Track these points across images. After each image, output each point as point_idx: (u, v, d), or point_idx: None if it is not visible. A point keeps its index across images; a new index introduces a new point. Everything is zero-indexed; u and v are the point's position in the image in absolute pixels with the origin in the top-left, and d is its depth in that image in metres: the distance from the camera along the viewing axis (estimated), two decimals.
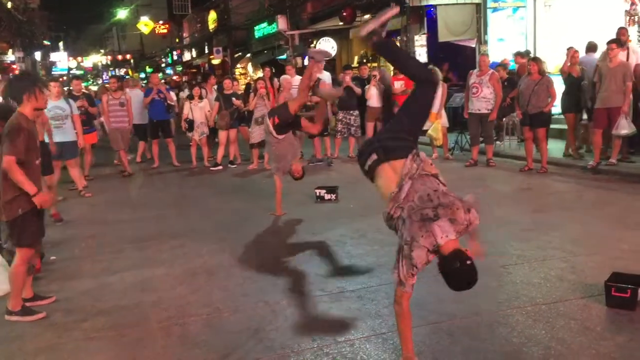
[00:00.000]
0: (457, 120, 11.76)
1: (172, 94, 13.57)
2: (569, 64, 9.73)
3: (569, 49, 9.88)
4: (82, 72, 55.52)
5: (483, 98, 9.84)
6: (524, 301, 4.29)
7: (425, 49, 14.64)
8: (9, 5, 25.28)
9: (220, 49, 30.99)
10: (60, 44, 56.78)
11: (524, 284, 4.65)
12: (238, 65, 29.59)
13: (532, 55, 11.63)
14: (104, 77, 60.90)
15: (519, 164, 9.72)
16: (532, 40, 13.67)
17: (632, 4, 11.34)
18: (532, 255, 5.34)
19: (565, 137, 10.40)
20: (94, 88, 32.43)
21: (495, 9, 14.00)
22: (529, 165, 9.36)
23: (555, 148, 10.31)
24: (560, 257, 5.22)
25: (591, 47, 10.54)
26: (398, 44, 16.97)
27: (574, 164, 9.50)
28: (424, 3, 14.42)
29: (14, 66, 28.17)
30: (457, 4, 14.17)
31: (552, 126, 10.25)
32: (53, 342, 4.07)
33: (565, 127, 10.36)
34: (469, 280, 3.00)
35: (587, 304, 4.19)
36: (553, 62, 11.47)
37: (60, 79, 24.06)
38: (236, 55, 30.40)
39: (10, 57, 28.04)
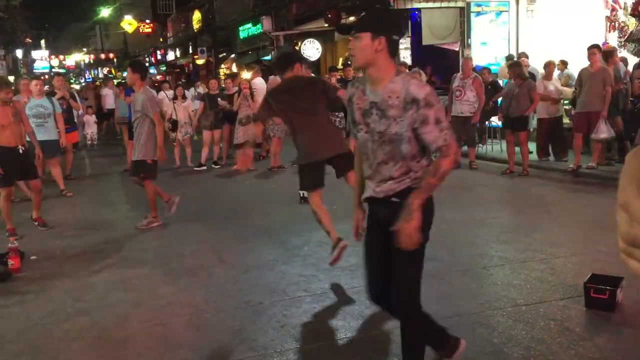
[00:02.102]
0: None
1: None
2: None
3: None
4: (64, 70, 55.00)
5: (466, 101, 9.93)
6: (505, 302, 4.34)
7: (409, 52, 14.72)
8: None
9: (205, 49, 30.91)
10: (42, 42, 56.21)
11: (504, 285, 4.70)
12: (222, 66, 29.50)
13: (514, 59, 11.75)
14: (86, 75, 60.48)
15: (501, 167, 9.82)
16: (514, 44, 13.81)
17: (613, 10, 11.51)
18: (512, 257, 5.40)
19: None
20: (77, 87, 32.13)
21: (478, 13, 14.12)
22: (511, 168, 9.45)
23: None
24: (541, 258, 5.29)
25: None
26: None
27: (555, 167, 9.62)
28: (408, 6, 14.50)
29: None
30: (441, 7, 14.26)
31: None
32: (34, 343, 4.03)
33: None
34: None
35: (566, 305, 4.25)
36: (535, 66, 11.58)
37: (42, 77, 23.88)
38: (220, 56, 30.31)
39: None
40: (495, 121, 11.02)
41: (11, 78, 18.50)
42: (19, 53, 37.44)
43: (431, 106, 2.67)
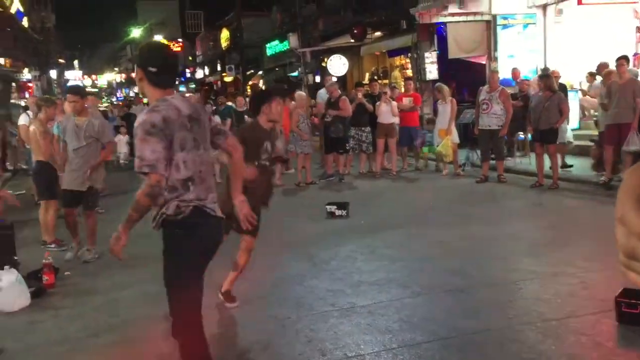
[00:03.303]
0: (468, 136, 11.80)
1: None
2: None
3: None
4: (97, 90, 56.28)
5: (493, 114, 9.87)
6: (535, 317, 4.28)
7: (435, 66, 14.71)
8: (26, 24, 25.75)
9: (233, 66, 31.34)
10: (76, 62, 57.68)
11: (534, 300, 4.65)
12: (250, 83, 29.87)
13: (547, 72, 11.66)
14: (117, 94, 61.78)
15: (530, 180, 9.70)
16: (542, 56, 13.72)
17: None
18: (543, 271, 5.33)
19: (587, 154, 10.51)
20: (102, 106, 32.86)
21: (505, 26, 14.08)
22: (540, 181, 9.33)
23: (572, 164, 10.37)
24: (571, 272, 5.21)
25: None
26: (409, 61, 17.10)
27: (587, 180, 9.47)
28: (434, 20, 14.53)
29: (30, 84, 28.65)
30: (467, 21, 14.26)
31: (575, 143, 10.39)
32: (67, 356, 4.12)
33: (583, 143, 10.50)
34: None
35: (598, 319, 4.18)
36: (563, 78, 11.48)
37: None
38: (248, 73, 30.69)
39: (26, 75, 28.48)
40: (521, 134, 10.98)
41: None
42: (53, 74, 38.45)
43: (135, 136, 2.88)
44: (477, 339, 4.02)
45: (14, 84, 24.94)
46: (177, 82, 46.81)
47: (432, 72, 14.71)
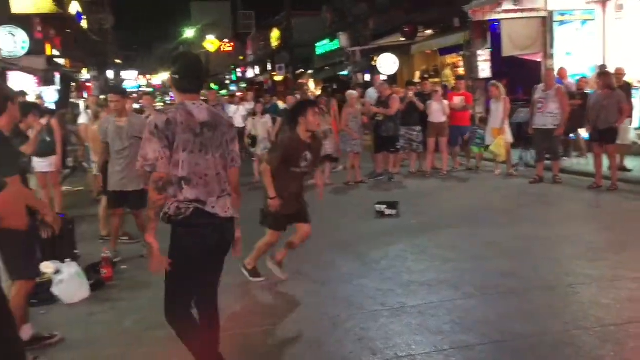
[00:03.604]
0: (522, 135, 11.53)
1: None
2: None
3: None
4: (152, 90, 57.73)
5: (549, 113, 9.61)
6: (592, 322, 4.16)
7: (489, 64, 14.44)
8: (85, 25, 26.64)
9: (283, 65, 31.60)
10: (131, 62, 59.34)
11: (591, 304, 4.52)
12: (299, 82, 30.06)
13: (605, 70, 11.28)
14: (170, 94, 63.24)
15: (587, 181, 9.41)
16: (601, 53, 13.27)
17: None
18: (600, 275, 5.17)
19: None
20: (160, 104, 33.67)
21: (562, 22, 13.69)
22: (598, 182, 9.04)
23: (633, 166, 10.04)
24: (631, 277, 5.03)
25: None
26: (460, 59, 16.85)
27: None
28: (487, 18, 14.26)
29: (88, 84, 29.65)
30: (522, 17, 13.93)
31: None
32: (124, 350, 4.24)
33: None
34: None
35: None
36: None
37: (132, 96, 25.14)
38: (298, 72, 30.88)
39: (85, 75, 29.47)
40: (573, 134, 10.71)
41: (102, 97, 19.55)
42: (110, 74, 39.69)
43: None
44: (531, 342, 3.93)
45: (73, 84, 25.84)
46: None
47: (484, 70, 14.45)
